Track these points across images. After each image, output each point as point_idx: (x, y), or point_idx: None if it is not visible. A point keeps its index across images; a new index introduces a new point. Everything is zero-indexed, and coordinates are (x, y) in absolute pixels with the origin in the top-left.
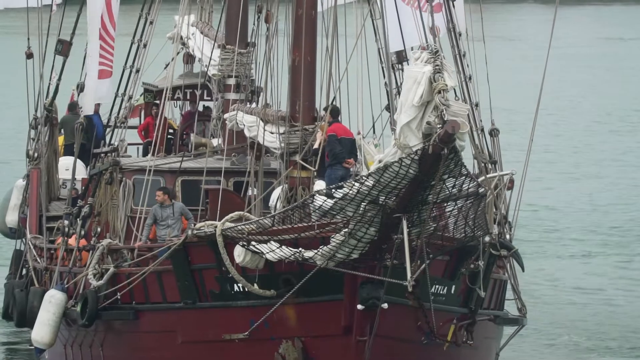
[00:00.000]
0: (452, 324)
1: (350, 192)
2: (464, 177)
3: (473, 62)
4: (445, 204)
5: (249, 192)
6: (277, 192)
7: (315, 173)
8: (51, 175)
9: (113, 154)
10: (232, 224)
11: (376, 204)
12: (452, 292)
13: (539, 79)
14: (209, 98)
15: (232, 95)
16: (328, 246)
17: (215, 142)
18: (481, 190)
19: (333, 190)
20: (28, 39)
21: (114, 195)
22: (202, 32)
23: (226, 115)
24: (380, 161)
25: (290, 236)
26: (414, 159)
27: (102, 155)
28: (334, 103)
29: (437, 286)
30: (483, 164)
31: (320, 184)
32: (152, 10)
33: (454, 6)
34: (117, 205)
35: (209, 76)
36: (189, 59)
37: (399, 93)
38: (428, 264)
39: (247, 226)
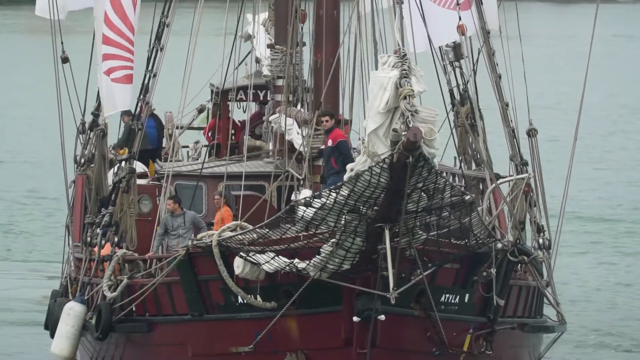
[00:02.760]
0: (468, 333)
1: (328, 201)
2: (444, 186)
3: (507, 60)
4: (432, 213)
5: (292, 197)
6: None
7: (301, 181)
8: (100, 182)
9: (130, 160)
10: (231, 234)
11: (356, 214)
12: (466, 300)
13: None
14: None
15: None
16: (318, 257)
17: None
18: (467, 197)
19: (312, 199)
20: (62, 42)
21: (131, 203)
22: (267, 31)
23: (271, 118)
24: (352, 169)
25: (282, 247)
26: (383, 167)
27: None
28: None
29: (447, 295)
30: (516, 166)
31: (305, 193)
32: (170, 12)
33: (481, 3)
34: (134, 213)
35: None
36: (259, 58)
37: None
38: (426, 273)
39: (241, 236)
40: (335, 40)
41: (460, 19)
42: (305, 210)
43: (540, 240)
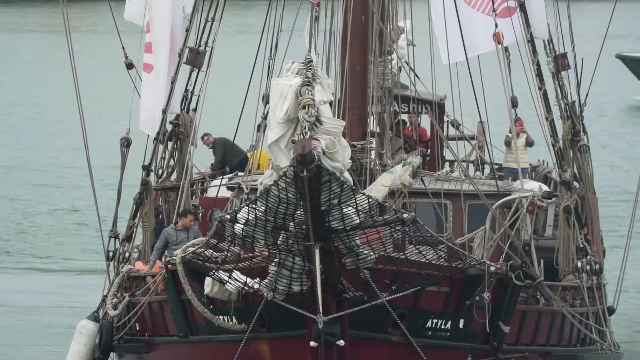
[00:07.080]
0: None
1: (250, 217)
2: (367, 202)
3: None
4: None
5: None
6: None
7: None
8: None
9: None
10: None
11: (285, 231)
12: (462, 326)
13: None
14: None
15: None
16: (267, 277)
17: None
18: (406, 216)
19: (235, 214)
20: (123, 47)
21: (145, 217)
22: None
23: None
24: (261, 183)
25: (232, 266)
26: (287, 181)
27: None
28: None
29: (434, 320)
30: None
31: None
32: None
33: (522, 10)
34: (147, 227)
35: None
36: None
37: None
38: (398, 295)
39: (201, 252)
40: (363, 47)
41: (496, 26)
42: (234, 226)
43: (579, 264)
